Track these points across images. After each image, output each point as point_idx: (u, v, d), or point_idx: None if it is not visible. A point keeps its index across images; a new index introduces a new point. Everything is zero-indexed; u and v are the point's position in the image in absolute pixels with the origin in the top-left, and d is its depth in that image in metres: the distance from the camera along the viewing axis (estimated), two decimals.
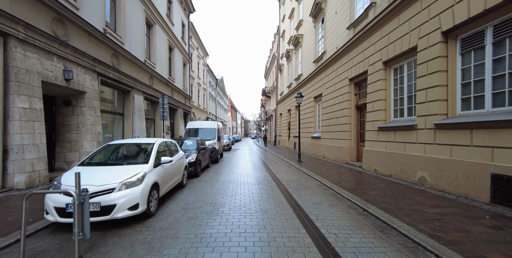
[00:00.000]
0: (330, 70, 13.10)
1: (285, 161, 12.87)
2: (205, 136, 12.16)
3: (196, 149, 8.54)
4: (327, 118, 13.30)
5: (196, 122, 12.93)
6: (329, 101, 13.04)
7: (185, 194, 5.83)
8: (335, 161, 11.99)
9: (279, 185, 6.95)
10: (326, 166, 10.47)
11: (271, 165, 11.27)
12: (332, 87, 12.80)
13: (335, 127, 12.14)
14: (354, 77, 10.57)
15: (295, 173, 9.16)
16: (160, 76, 15.33)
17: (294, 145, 20.14)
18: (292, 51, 21.43)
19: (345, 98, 11.23)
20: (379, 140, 8.47)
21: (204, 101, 30.27)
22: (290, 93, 21.76)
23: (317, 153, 14.74)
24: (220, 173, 8.92)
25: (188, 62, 22.70)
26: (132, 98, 11.86)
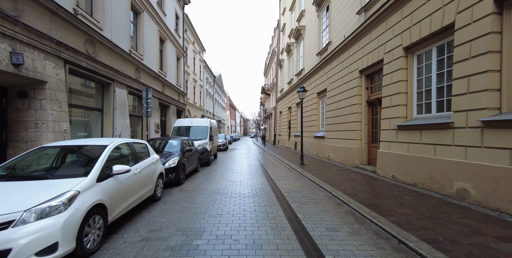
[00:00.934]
0: (337, 62, 11.66)
1: (285, 163, 11.45)
2: (195, 135, 10.74)
3: (180, 151, 7.10)
4: (332, 116, 11.86)
5: (186, 120, 11.50)
6: (335, 97, 11.60)
7: (155, 213, 4.40)
8: (343, 164, 10.56)
9: (279, 197, 5.52)
10: (333, 170, 9.04)
11: (270, 169, 9.84)
12: (338, 80, 11.36)
13: (343, 125, 10.71)
14: (366, 68, 9.13)
15: (297, 179, 7.73)
16: (148, 69, 13.86)
17: (295, 145, 18.72)
18: (293, 45, 19.96)
19: (355, 92, 9.80)
20: (399, 141, 7.04)
21: (200, 98, 28.82)
22: (291, 89, 20.32)
23: (321, 155, 13.31)
24: (209, 179, 7.50)
25: (182, 57, 21.22)
26: (112, 92, 10.39)
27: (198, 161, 9.09)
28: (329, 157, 12.06)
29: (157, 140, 7.82)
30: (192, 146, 8.68)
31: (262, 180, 7.49)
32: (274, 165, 10.92)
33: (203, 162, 10.13)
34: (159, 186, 5.24)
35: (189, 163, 7.60)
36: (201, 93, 29.36)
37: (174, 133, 10.88)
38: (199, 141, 10.25)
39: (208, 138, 10.61)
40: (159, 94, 15.52)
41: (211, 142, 11.15)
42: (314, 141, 14.50)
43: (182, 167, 6.75)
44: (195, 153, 8.47)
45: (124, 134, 10.92)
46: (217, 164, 11.09)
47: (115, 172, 3.39)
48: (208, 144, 10.45)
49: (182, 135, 10.83)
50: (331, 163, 10.92)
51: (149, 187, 4.67)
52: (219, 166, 10.28)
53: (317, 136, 13.79)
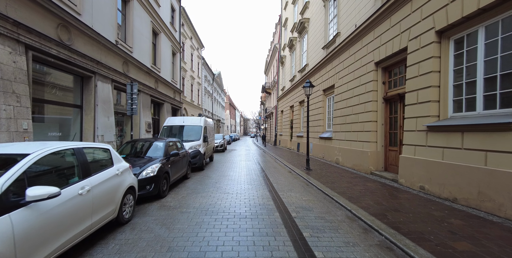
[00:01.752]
0: (346, 54, 10.35)
1: (289, 168, 10.15)
2: (187, 136, 9.43)
3: (164, 155, 5.79)
4: (341, 115, 10.56)
5: (177, 118, 10.20)
6: (345, 93, 10.29)
7: (112, 247, 3.10)
8: (354, 169, 9.26)
9: (285, 219, 4.22)
10: (345, 178, 7.74)
11: (272, 175, 8.54)
12: (349, 75, 10.05)
13: (354, 125, 9.40)
14: (383, 59, 7.83)
15: (305, 190, 6.43)
16: (139, 63, 12.56)
17: (297, 146, 17.42)
18: (296, 40, 18.65)
19: (369, 88, 8.50)
20: (430, 145, 5.74)
21: (198, 96, 27.52)
22: (294, 87, 19.01)
23: (328, 157, 12.01)
24: (199, 190, 6.18)
25: (179, 52, 19.91)
26: (94, 86, 9.09)
27: (189, 166, 7.79)
28: (338, 161, 10.76)
29: (137, 142, 6.51)
30: (181, 149, 7.38)
31: (263, 191, 6.19)
32: (276, 170, 9.62)
33: (196, 166, 8.83)
34: (128, 204, 3.95)
35: (176, 170, 6.30)
36: (199, 91, 28.05)
37: (164, 134, 9.57)
38: (191, 143, 8.94)
39: (202, 139, 9.30)
40: (152, 91, 14.24)
41: (206, 144, 9.85)
42: (319, 143, 13.20)
43: (164, 176, 5.45)
44: (184, 157, 7.17)
45: (108, 134, 9.64)
46: (212, 168, 9.78)
47: (31, 198, 2.09)
48: (202, 146, 9.15)
49: (173, 136, 9.52)
50: (340, 168, 9.62)
51: (110, 209, 3.37)
52: (214, 171, 8.98)
53: (323, 137, 12.49)
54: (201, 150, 9.01)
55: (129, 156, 5.89)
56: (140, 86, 12.59)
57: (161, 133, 9.51)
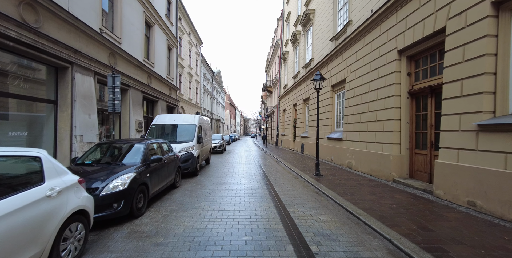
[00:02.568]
0: (360, 44, 9.04)
1: (295, 173, 8.85)
2: (179, 136, 8.10)
3: (141, 162, 4.47)
4: (355, 113, 9.25)
5: (168, 116, 8.84)
6: (359, 88, 8.99)
7: None
8: (372, 175, 7.95)
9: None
10: (364, 186, 6.44)
11: (277, 183, 7.23)
12: (363, 68, 8.75)
13: (371, 125, 8.10)
14: (409, 46, 6.53)
15: (321, 204, 5.11)
16: (129, 55, 11.26)
17: (301, 147, 16.11)
18: (300, 33, 17.34)
19: (390, 80, 7.20)
20: (483, 149, 4.44)
21: (197, 95, 26.22)
22: (297, 83, 17.71)
23: (338, 161, 10.71)
24: (186, 205, 4.83)
25: (175, 47, 18.61)
26: (71, 79, 7.79)
27: (178, 172, 6.48)
28: (350, 164, 9.45)
29: (111, 145, 5.15)
30: (168, 152, 6.08)
31: (268, 206, 4.87)
32: (281, 176, 8.31)
33: (188, 172, 7.52)
34: (73, 239, 2.64)
35: (159, 180, 4.99)
36: (198, 89, 26.75)
37: (152, 133, 8.24)
38: (182, 144, 7.62)
39: (195, 139, 7.97)
40: (144, 87, 12.94)
41: (200, 145, 8.53)
42: (327, 144, 11.89)
43: (141, 189, 4.15)
44: (171, 162, 5.85)
45: (89, 134, 8.36)
46: (207, 173, 8.46)
47: None
48: (195, 148, 7.83)
49: (162, 136, 8.20)
50: (355, 174, 8.31)
51: (30, 254, 2.08)
52: (209, 178, 7.65)
53: (332, 137, 11.19)
54: (194, 152, 7.69)
55: (96, 162, 4.57)
56: (129, 81, 11.32)
57: (148, 133, 8.18)
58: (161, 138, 8.15)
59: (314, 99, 13.91)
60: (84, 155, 4.74)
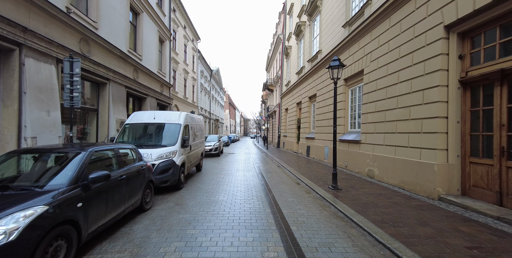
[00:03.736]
0: (384, 26, 7.26)
1: (304, 183, 7.06)
2: (158, 139, 6.22)
3: (71, 183, 2.63)
4: (377, 110, 7.47)
5: (146, 113, 6.95)
6: (383, 80, 7.20)
7: None
8: (404, 189, 6.15)
9: None
10: (403, 207, 4.65)
11: (285, 202, 5.39)
12: (390, 54, 6.97)
13: (402, 124, 6.31)
14: (464, 18, 4.76)
15: (355, 245, 3.31)
16: (109, 44, 9.49)
17: (307, 150, 14.32)
18: (305, 24, 15.57)
19: (432, 66, 5.42)
20: None
21: (194, 93, 24.43)
22: (302, 79, 15.92)
23: (354, 167, 8.92)
24: (145, 252, 3.03)
25: (168, 40, 16.85)
26: (18, 65, 6.04)
27: (149, 189, 4.67)
28: (371, 173, 7.65)
29: (30, 155, 3.19)
30: (134, 163, 4.28)
31: (276, 253, 3.07)
32: (289, 189, 6.49)
33: (167, 186, 5.71)
34: None
35: (106, 208, 3.17)
36: (195, 87, 24.97)
37: (123, 136, 6.32)
38: (160, 150, 5.76)
39: (179, 143, 6.08)
40: (129, 81, 11.19)
41: (186, 150, 6.66)
42: (340, 147, 10.08)
43: (55, 235, 2.36)
44: (135, 178, 4.02)
45: (46, 135, 6.60)
46: (194, 186, 6.60)
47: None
48: (179, 154, 5.98)
49: (137, 138, 6.35)
50: (381, 187, 6.51)
51: None
52: (195, 194, 5.76)
53: (346, 140, 9.40)
54: (176, 159, 5.86)
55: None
56: (109, 73, 9.56)
57: (119, 135, 6.33)
58: (136, 140, 6.35)
59: (321, 96, 12.13)
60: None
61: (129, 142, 6.26)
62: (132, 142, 6.29)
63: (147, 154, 5.55)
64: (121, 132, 6.40)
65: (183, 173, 6.37)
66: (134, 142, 6.25)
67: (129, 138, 6.40)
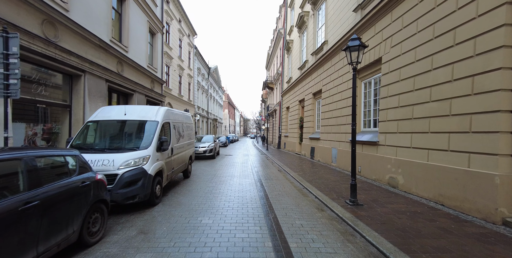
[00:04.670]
0: (410, 2, 5.84)
1: (313, 195, 5.64)
2: (128, 140, 4.76)
3: None
4: (401, 105, 6.05)
5: (116, 108, 5.46)
6: (409, 68, 5.78)
7: None
8: (444, 204, 4.71)
9: None
10: (460, 238, 3.23)
11: (292, 228, 3.94)
12: (419, 35, 5.56)
13: (438, 122, 4.88)
14: None
15: None
16: (83, 30, 8.07)
17: (311, 151, 12.90)
18: (308, 14, 14.16)
19: (490, 43, 4.00)
20: None
21: (190, 91, 23.00)
22: (305, 75, 14.50)
23: (369, 173, 7.49)
24: None
25: (160, 33, 15.44)
26: None
27: (97, 212, 3.23)
28: (394, 182, 6.22)
29: None
30: (71, 176, 2.87)
31: None
32: (296, 205, 5.03)
33: (135, 202, 4.28)
34: None
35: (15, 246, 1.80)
36: (191, 85, 23.55)
37: (84, 136, 4.85)
38: (127, 155, 4.33)
39: (153, 145, 4.63)
40: (111, 75, 9.79)
41: (164, 154, 5.16)
42: (345, 148, 8.67)
43: None
44: (61, 203, 2.58)
45: None
46: (175, 200, 5.05)
47: None
48: (152, 160, 4.50)
49: (100, 140, 4.89)
50: (412, 200, 5.08)
51: None
52: (173, 213, 4.23)
53: (358, 141, 7.96)
54: (149, 167, 4.40)
55: None
56: (84, 64, 8.17)
57: (77, 135, 4.86)
58: (99, 142, 4.92)
59: (328, 92, 10.71)
60: None
61: (89, 144, 4.83)
62: (94, 144, 4.86)
63: (107, 161, 4.13)
64: (81, 132, 4.96)
65: (159, 185, 4.94)
66: (96, 145, 4.83)
67: (91, 140, 4.96)
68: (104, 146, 4.70)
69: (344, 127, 9.16)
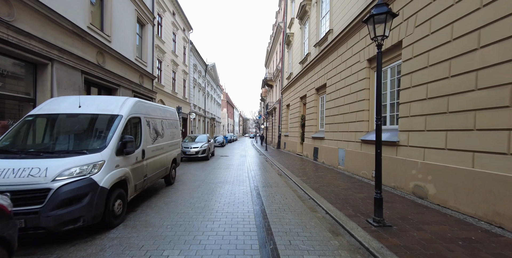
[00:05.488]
0: None
1: (323, 210, 4.41)
2: (72, 142, 3.53)
3: None
4: (429, 96, 4.81)
5: (69, 99, 4.05)
6: (439, 51, 4.54)
7: None
8: (503, 227, 3.47)
9: None
10: None
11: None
12: (454, 8, 4.31)
13: (491, 116, 3.64)
14: None
15: None
16: (50, 11, 6.82)
17: (315, 152, 11.67)
18: (311, 3, 12.91)
19: None
20: None
21: (185, 88, 21.73)
22: (307, 69, 13.25)
23: (387, 180, 6.20)
24: None
25: (150, 24, 14.17)
26: None
27: None
28: (422, 192, 4.98)
29: None
30: None
31: None
32: (302, 227, 3.75)
33: (81, 226, 3.03)
34: None
35: None
36: (186, 82, 22.28)
37: (19, 135, 3.60)
38: (68, 160, 3.07)
39: (111, 147, 3.38)
40: (88, 66, 8.53)
41: (132, 159, 3.85)
42: (363, 150, 7.43)
43: None
44: None
45: None
46: (143, 219, 3.72)
47: None
48: (109, 167, 3.20)
49: (43, 139, 3.62)
50: (453, 218, 3.84)
51: None
52: (132, 243, 2.89)
53: (372, 140, 6.73)
54: (100, 178, 3.11)
55: None
56: (51, 52, 6.95)
57: (5, 135, 3.54)
58: (36, 143, 3.68)
59: (334, 86, 9.47)
60: None
61: (21, 146, 3.57)
62: (27, 146, 3.61)
63: (38, 169, 2.89)
64: (15, 130, 3.68)
65: (121, 199, 3.69)
66: (30, 147, 3.58)
67: (25, 140, 3.70)
68: (41, 149, 3.44)
69: (354, 124, 7.92)
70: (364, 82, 7.47)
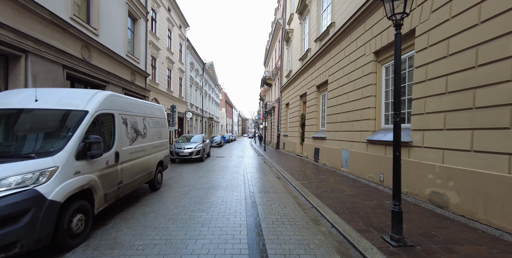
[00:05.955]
0: None
1: (329, 223, 3.74)
2: (19, 143, 2.86)
3: None
4: (449, 90, 4.13)
5: (25, 92, 3.32)
6: (464, 36, 3.86)
7: None
8: None
9: None
10: None
11: None
12: None
13: None
14: None
15: None
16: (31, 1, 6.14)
17: (315, 153, 10.99)
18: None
19: None
20: None
21: (181, 86, 21.02)
22: (307, 65, 12.58)
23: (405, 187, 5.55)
24: None
25: (144, 19, 13.47)
26: None
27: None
28: (441, 200, 4.30)
29: None
30: None
31: None
32: (305, 248, 3.10)
33: (20, 253, 2.35)
34: None
35: None
36: (183, 80, 21.58)
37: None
38: (5, 166, 2.42)
39: (70, 149, 2.67)
40: (71, 60, 7.84)
41: (101, 163, 3.15)
42: (369, 152, 6.76)
43: None
44: None
45: None
46: (113, 235, 3.10)
47: None
48: (62, 175, 2.48)
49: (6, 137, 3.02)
50: (486, 234, 3.17)
51: None
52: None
53: (379, 141, 6.05)
54: (49, 189, 2.36)
55: None
56: (25, 43, 6.29)
57: None
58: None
59: (336, 82, 8.80)
60: None
61: None
62: None
63: None
64: None
65: (82, 214, 3.01)
66: None
67: None
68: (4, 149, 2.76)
69: (358, 123, 7.25)
70: (370, 77, 6.80)
